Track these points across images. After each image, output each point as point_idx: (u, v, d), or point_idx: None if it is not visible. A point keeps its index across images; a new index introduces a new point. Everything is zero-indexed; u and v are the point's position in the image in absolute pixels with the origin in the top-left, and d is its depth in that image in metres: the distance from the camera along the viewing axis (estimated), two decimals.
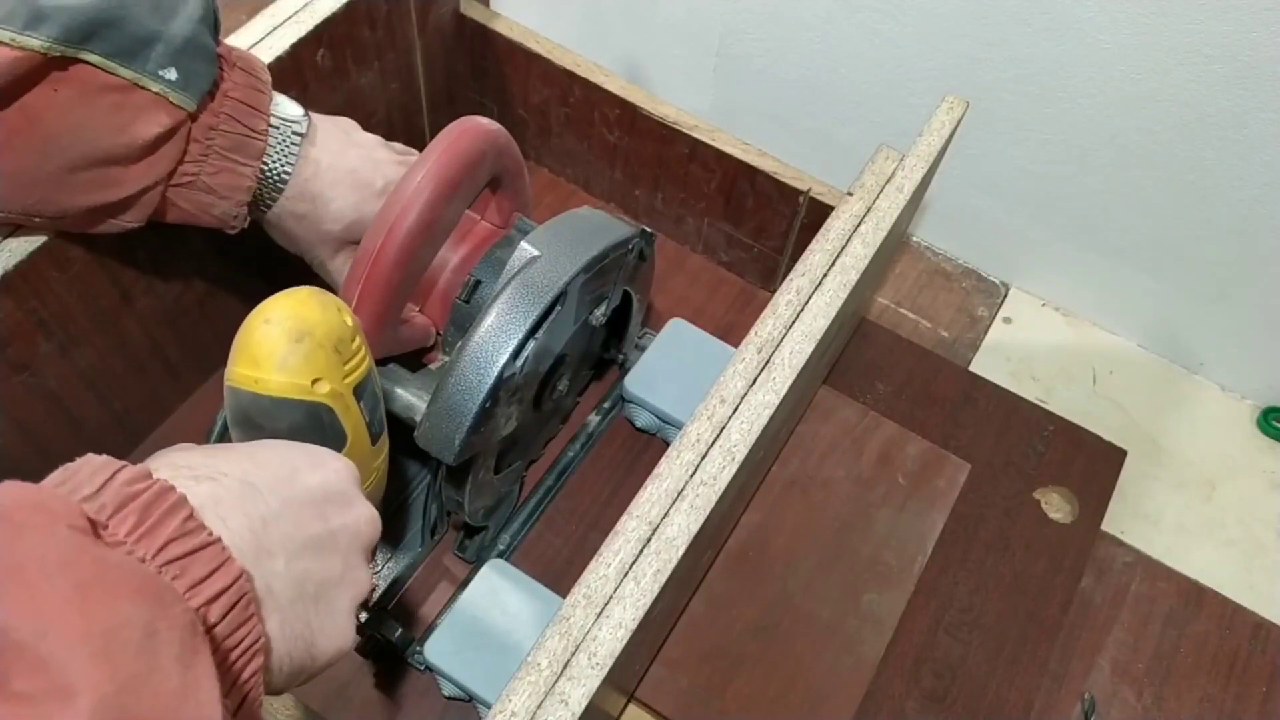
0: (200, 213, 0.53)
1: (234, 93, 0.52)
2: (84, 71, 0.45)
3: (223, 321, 0.71)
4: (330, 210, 0.56)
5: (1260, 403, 0.83)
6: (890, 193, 0.61)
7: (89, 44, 0.45)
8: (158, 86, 0.47)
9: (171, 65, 0.47)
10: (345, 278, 0.56)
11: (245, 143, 0.52)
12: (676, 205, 0.81)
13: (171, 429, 0.71)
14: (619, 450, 0.74)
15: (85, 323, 0.59)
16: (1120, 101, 0.70)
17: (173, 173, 0.50)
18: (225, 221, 0.54)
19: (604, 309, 0.62)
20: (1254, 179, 0.69)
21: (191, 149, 0.50)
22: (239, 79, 0.52)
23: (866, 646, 0.67)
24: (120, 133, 0.47)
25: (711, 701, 0.64)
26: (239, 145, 0.52)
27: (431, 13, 0.73)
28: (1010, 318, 0.86)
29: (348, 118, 0.60)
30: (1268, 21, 0.61)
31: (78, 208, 0.49)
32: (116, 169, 0.48)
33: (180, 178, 0.51)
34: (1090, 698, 0.67)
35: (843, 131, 0.85)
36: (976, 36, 0.72)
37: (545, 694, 0.43)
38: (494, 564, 0.62)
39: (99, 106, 0.46)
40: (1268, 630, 0.71)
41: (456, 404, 0.53)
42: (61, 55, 0.44)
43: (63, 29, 0.43)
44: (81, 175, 0.48)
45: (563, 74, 0.76)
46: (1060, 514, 0.73)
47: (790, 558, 0.70)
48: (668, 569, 0.46)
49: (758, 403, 0.52)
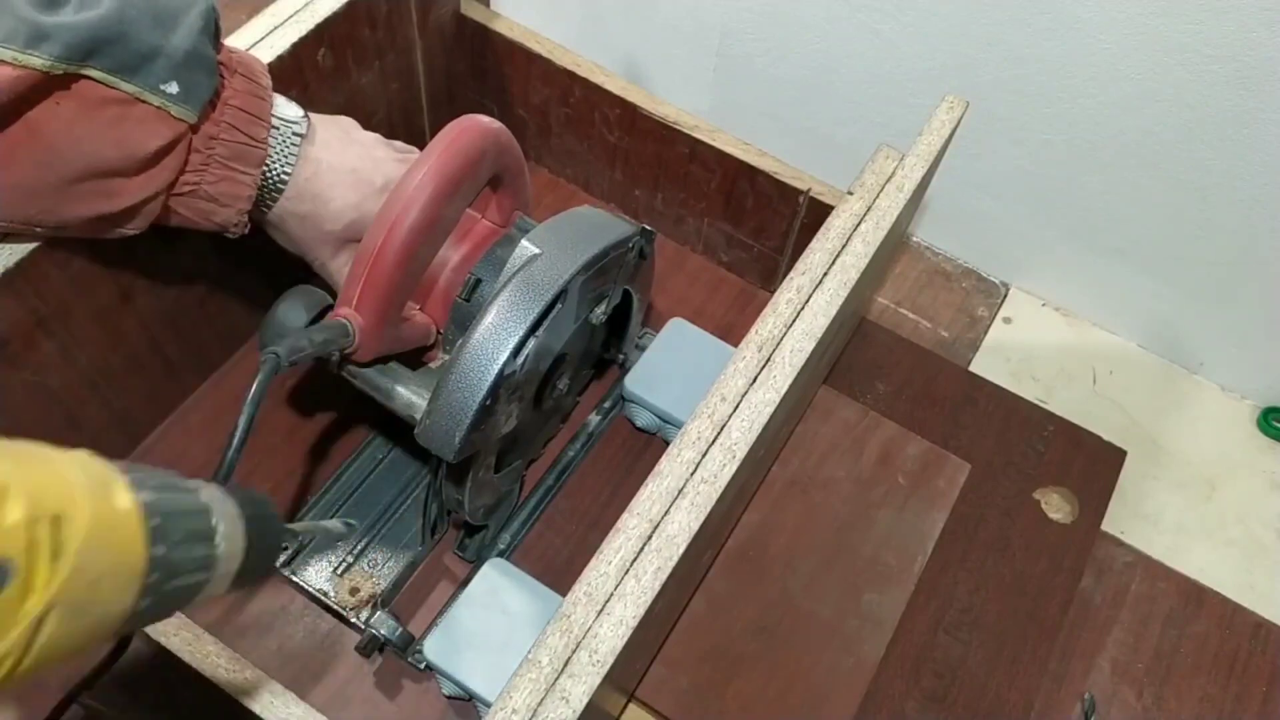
0: (201, 220, 0.53)
1: (235, 100, 0.51)
2: (86, 86, 0.45)
3: (223, 321, 0.71)
4: (331, 209, 0.56)
5: (1260, 403, 0.83)
6: (890, 192, 0.61)
7: (91, 60, 0.44)
8: (159, 100, 0.47)
9: (173, 79, 0.47)
10: (346, 276, 0.56)
11: (246, 151, 0.52)
12: (676, 205, 0.81)
13: (171, 429, 0.71)
14: (619, 450, 0.74)
15: (85, 322, 0.59)
16: (1120, 101, 0.70)
17: (174, 183, 0.50)
18: (226, 227, 0.54)
19: (604, 308, 0.62)
20: (1254, 179, 0.69)
21: (192, 159, 0.50)
22: (240, 85, 0.52)
23: (866, 646, 0.67)
24: (121, 145, 0.47)
25: (711, 701, 0.64)
26: (240, 154, 0.52)
27: (432, 13, 0.73)
28: (1010, 318, 0.86)
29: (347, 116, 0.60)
30: (1268, 21, 0.61)
31: (78, 218, 0.49)
32: (117, 180, 0.48)
33: (181, 187, 0.51)
34: (1090, 698, 0.67)
35: (843, 131, 0.85)
36: (976, 36, 0.72)
37: (546, 691, 0.43)
38: (494, 563, 0.62)
39: (100, 120, 0.46)
40: (1268, 630, 0.71)
41: (457, 402, 0.53)
42: (64, 73, 0.44)
43: (64, 47, 0.43)
44: (82, 187, 0.47)
45: (563, 74, 0.76)
46: (1060, 514, 0.73)
47: (790, 558, 0.70)
48: (669, 566, 0.46)
49: (758, 401, 0.52)
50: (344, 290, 0.56)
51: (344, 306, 0.56)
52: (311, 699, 0.53)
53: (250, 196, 0.53)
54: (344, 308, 0.56)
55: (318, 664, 0.63)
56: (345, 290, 0.56)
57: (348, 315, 0.55)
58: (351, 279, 0.56)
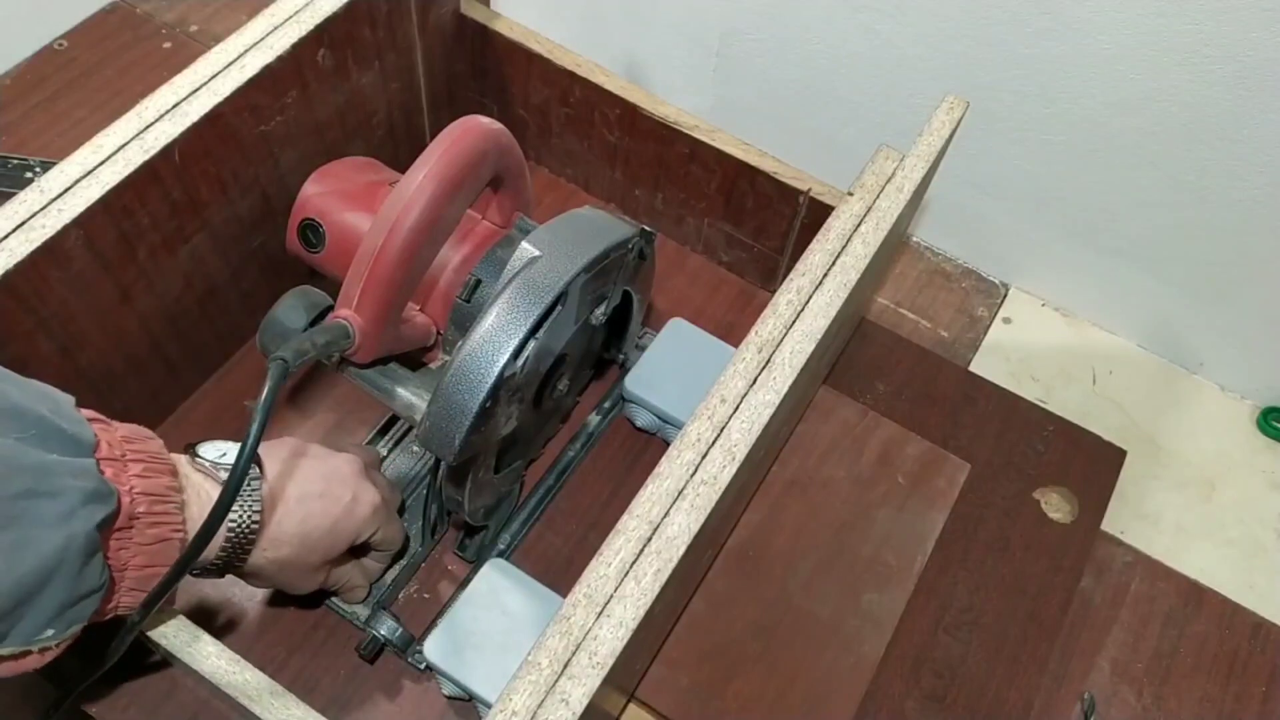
0: None
1: (139, 537, 0.45)
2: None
3: (223, 321, 0.71)
4: (312, 542, 0.53)
5: (1260, 403, 0.83)
6: (890, 193, 0.61)
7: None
8: (37, 647, 0.42)
9: (48, 627, 0.41)
10: (346, 277, 0.56)
11: (164, 550, 0.46)
12: (676, 205, 0.81)
13: (171, 429, 0.71)
14: (619, 450, 0.74)
15: (85, 323, 0.59)
16: (1120, 101, 0.70)
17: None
18: None
19: (604, 309, 0.62)
20: (1254, 179, 0.69)
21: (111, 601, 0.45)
22: (143, 510, 0.44)
23: (866, 646, 0.67)
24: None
25: (711, 701, 0.64)
26: (157, 556, 0.46)
27: (432, 12, 0.73)
28: (1010, 318, 0.86)
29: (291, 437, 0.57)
30: (1268, 21, 0.61)
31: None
32: None
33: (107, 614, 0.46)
34: (1090, 698, 0.67)
35: (843, 131, 0.85)
36: (976, 36, 0.72)
37: (546, 693, 0.43)
38: (494, 563, 0.62)
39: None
40: (1267, 630, 0.71)
41: (457, 403, 0.53)
42: None
43: None
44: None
45: (563, 74, 0.76)
46: (1060, 514, 0.73)
47: (790, 558, 0.70)
48: (668, 568, 0.46)
49: (758, 402, 0.52)
50: (344, 291, 0.56)
51: (344, 308, 0.56)
52: (311, 699, 0.53)
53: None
54: (344, 309, 0.56)
55: (318, 664, 0.63)
56: (345, 291, 0.56)
57: (348, 317, 0.56)
58: (352, 279, 0.56)
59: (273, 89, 0.62)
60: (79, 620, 0.42)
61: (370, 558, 0.61)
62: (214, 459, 0.49)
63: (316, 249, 0.64)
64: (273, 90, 0.62)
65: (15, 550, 0.39)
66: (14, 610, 0.39)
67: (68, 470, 0.41)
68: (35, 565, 0.39)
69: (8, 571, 0.38)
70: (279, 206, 0.67)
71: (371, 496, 0.56)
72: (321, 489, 0.54)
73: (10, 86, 0.88)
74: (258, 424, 0.44)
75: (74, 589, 0.41)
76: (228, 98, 0.59)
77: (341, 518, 0.54)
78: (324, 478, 0.54)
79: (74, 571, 0.41)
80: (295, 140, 0.66)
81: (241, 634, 0.64)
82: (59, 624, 0.41)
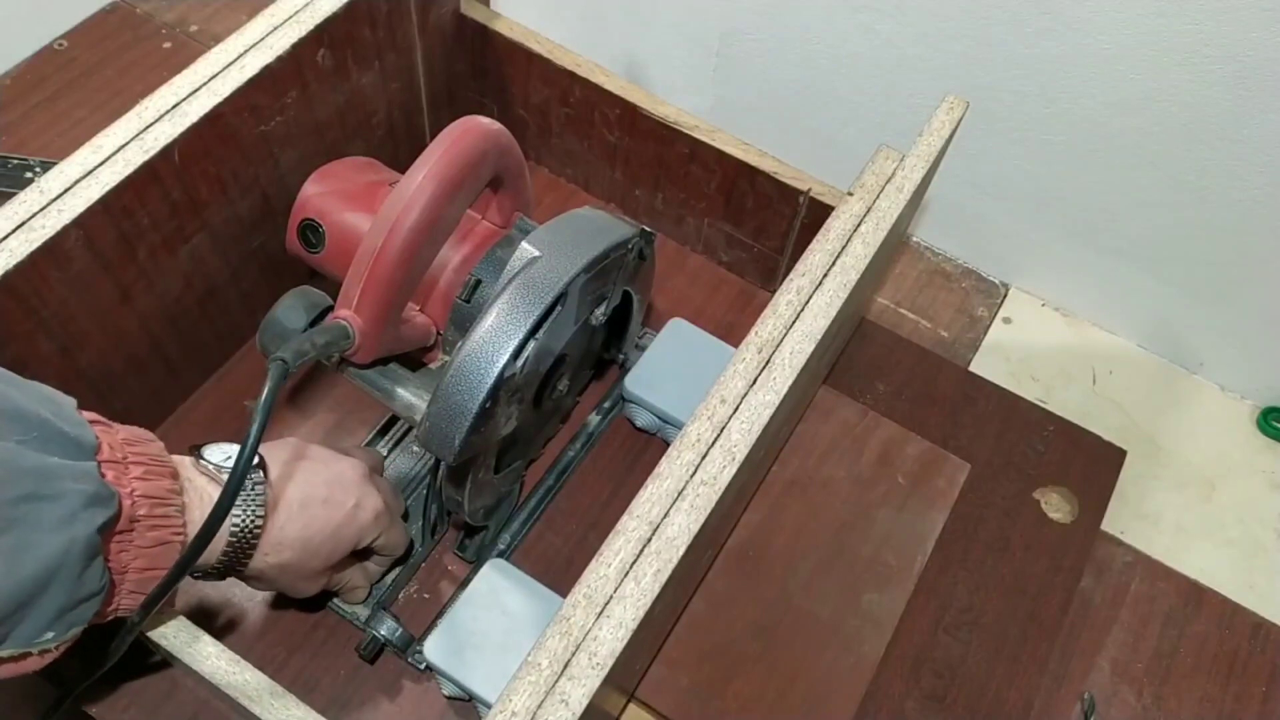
0: None
1: (140, 540, 0.44)
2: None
3: (223, 321, 0.71)
4: (314, 547, 0.53)
5: (1260, 403, 0.83)
6: (890, 193, 0.61)
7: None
8: (37, 650, 0.42)
9: (48, 630, 0.41)
10: (346, 277, 0.56)
11: (165, 552, 0.46)
12: (676, 205, 0.81)
13: (172, 429, 0.71)
14: (619, 450, 0.74)
15: (85, 323, 0.59)
16: (1120, 101, 0.70)
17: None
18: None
19: (604, 309, 0.62)
20: (1254, 179, 0.69)
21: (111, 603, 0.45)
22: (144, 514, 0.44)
23: (866, 646, 0.67)
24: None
25: (711, 701, 0.64)
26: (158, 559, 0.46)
27: (432, 12, 0.73)
28: (1010, 318, 0.86)
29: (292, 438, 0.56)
30: (1268, 21, 0.61)
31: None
32: None
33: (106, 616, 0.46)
34: (1090, 698, 0.67)
35: (843, 131, 0.85)
36: (976, 36, 0.72)
37: (546, 694, 0.43)
38: (494, 563, 0.62)
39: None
40: (1267, 630, 0.71)
41: (457, 403, 0.53)
42: None
43: None
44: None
45: (563, 74, 0.76)
46: (1060, 514, 0.73)
47: (790, 558, 0.70)
48: (668, 569, 0.46)
49: (758, 403, 0.52)
50: (344, 291, 0.56)
51: (344, 308, 0.56)
52: (311, 700, 0.53)
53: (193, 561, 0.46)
54: (344, 309, 0.56)
55: (318, 665, 0.63)
56: (345, 291, 0.56)
57: (347, 317, 0.56)
58: (352, 279, 0.56)
59: (273, 89, 0.62)
60: (79, 623, 0.42)
61: (372, 561, 0.61)
62: (219, 462, 0.49)
63: (316, 249, 0.64)
64: (273, 90, 0.62)
65: (16, 554, 0.39)
66: (14, 613, 0.39)
67: (69, 474, 0.41)
68: (36, 569, 0.39)
69: (8, 575, 0.39)
70: (279, 206, 0.67)
71: (375, 502, 0.56)
72: (325, 494, 0.54)
73: (10, 86, 0.88)
74: (258, 424, 0.44)
75: (74, 592, 0.41)
76: (227, 98, 0.59)
77: (344, 523, 0.54)
78: (327, 483, 0.54)
79: (74, 575, 0.41)
80: (295, 140, 0.66)
81: (241, 634, 0.64)
82: (59, 627, 0.41)
